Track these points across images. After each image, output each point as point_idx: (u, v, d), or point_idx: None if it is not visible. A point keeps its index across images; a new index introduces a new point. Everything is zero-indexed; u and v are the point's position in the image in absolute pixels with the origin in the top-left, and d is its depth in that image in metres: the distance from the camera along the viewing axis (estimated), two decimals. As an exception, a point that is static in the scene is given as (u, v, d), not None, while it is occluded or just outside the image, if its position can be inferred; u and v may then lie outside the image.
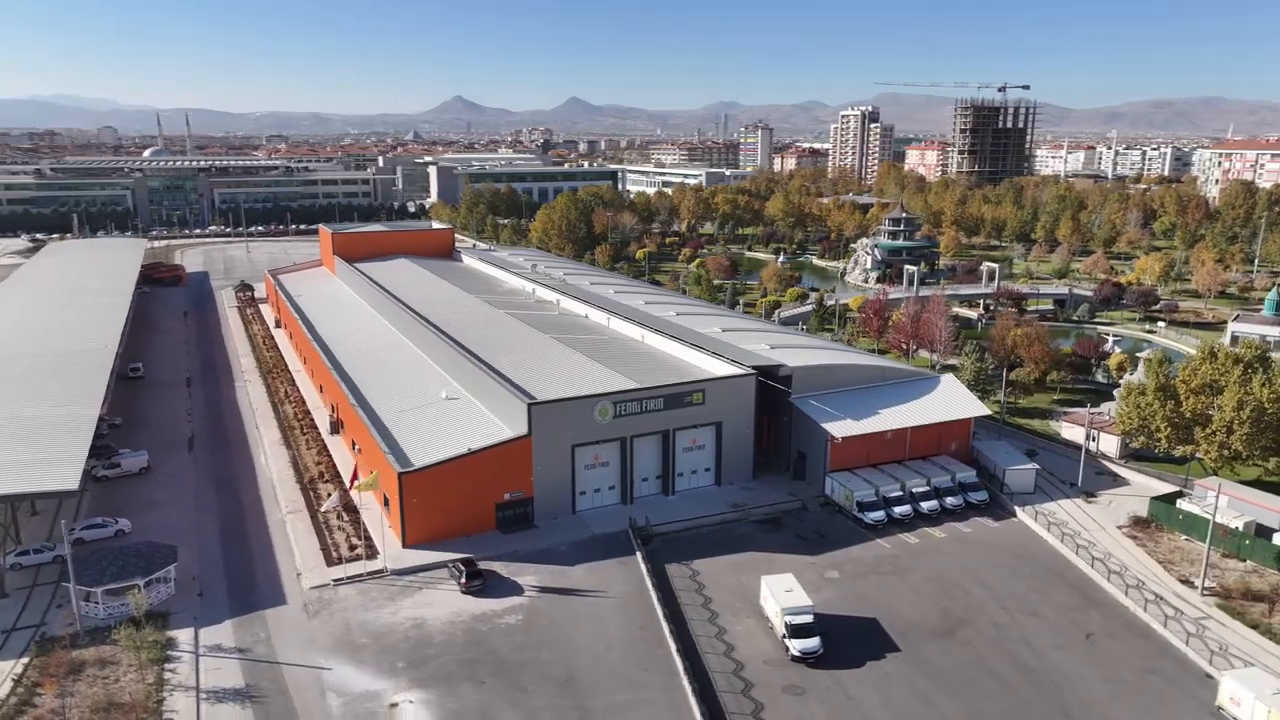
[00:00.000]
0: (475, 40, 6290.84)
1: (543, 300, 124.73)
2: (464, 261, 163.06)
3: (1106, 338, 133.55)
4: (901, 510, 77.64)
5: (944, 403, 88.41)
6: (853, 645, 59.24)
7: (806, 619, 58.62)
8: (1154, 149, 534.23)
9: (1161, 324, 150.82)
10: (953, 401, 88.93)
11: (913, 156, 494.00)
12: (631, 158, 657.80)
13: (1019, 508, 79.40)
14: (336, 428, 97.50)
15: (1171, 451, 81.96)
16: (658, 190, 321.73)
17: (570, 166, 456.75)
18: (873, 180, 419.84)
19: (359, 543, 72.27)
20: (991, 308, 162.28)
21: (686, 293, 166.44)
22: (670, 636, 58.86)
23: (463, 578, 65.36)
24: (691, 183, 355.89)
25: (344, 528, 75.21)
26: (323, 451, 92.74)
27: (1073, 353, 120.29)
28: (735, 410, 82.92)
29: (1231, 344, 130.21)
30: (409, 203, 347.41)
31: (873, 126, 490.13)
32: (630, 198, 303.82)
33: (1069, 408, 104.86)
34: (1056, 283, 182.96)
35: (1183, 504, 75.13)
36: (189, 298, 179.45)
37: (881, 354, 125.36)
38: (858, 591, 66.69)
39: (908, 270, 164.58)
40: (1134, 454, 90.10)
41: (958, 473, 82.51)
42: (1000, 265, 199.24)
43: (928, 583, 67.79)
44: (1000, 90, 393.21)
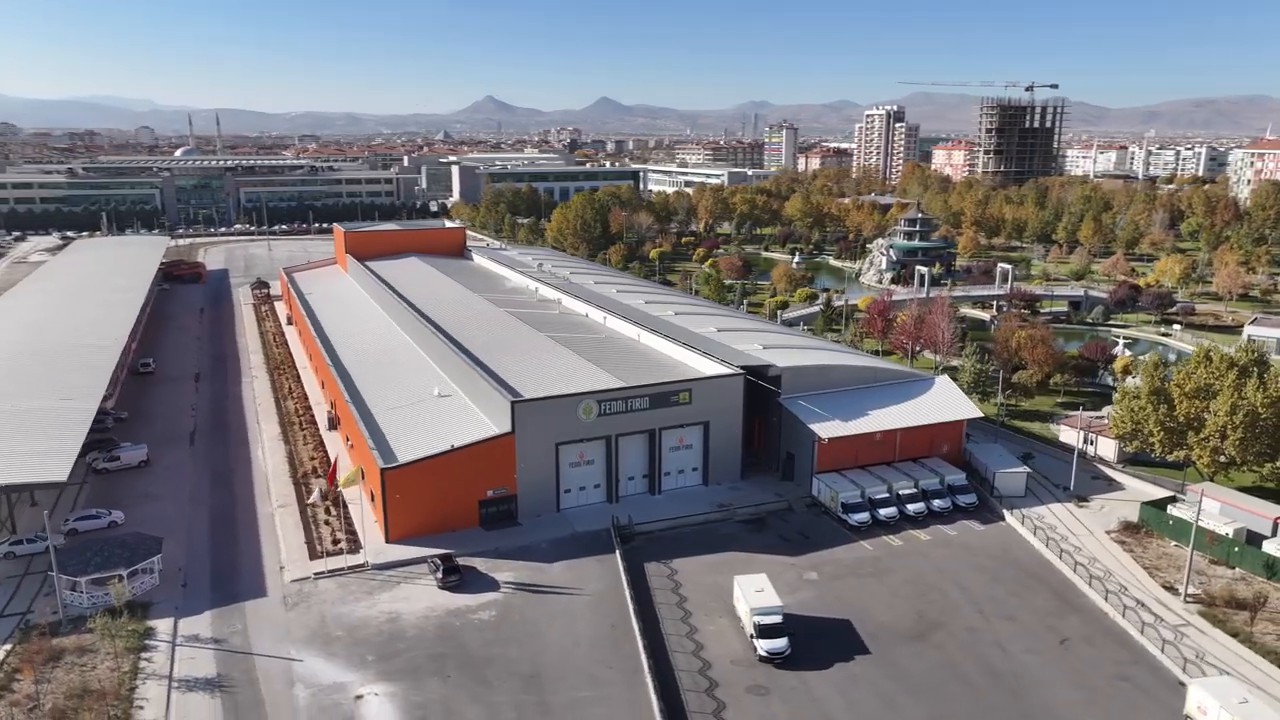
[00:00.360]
0: (507, 41, 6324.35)
1: (545, 299, 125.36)
2: (474, 260, 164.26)
3: (1116, 340, 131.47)
4: (887, 512, 77.12)
5: (937, 405, 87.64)
6: (823, 646, 59.03)
7: (775, 619, 58.51)
8: (1188, 149, 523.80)
9: (1177, 327, 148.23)
10: (946, 404, 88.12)
11: (939, 156, 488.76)
12: (659, 157, 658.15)
13: (1007, 511, 78.56)
14: (334, 424, 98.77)
15: (1165, 456, 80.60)
16: (676, 190, 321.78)
17: (592, 166, 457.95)
18: (897, 180, 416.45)
19: (344, 537, 73.27)
20: (1004, 309, 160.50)
21: (698, 293, 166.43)
22: (639, 634, 58.99)
23: (439, 573, 66.03)
24: (714, 182, 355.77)
25: (331, 522, 76.19)
26: (319, 447, 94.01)
27: (1079, 355, 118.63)
28: (723, 410, 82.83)
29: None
30: (431, 202, 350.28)
31: (898, 126, 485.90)
32: (649, 198, 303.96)
33: (1072, 411, 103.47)
34: (1073, 284, 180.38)
35: (1174, 510, 73.88)
36: (207, 295, 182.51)
37: (886, 355, 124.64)
38: (834, 593, 66.40)
39: (918, 271, 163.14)
40: (1132, 458, 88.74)
41: (947, 475, 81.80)
42: (1017, 266, 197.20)
43: (906, 585, 67.32)
44: (1028, 89, 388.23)
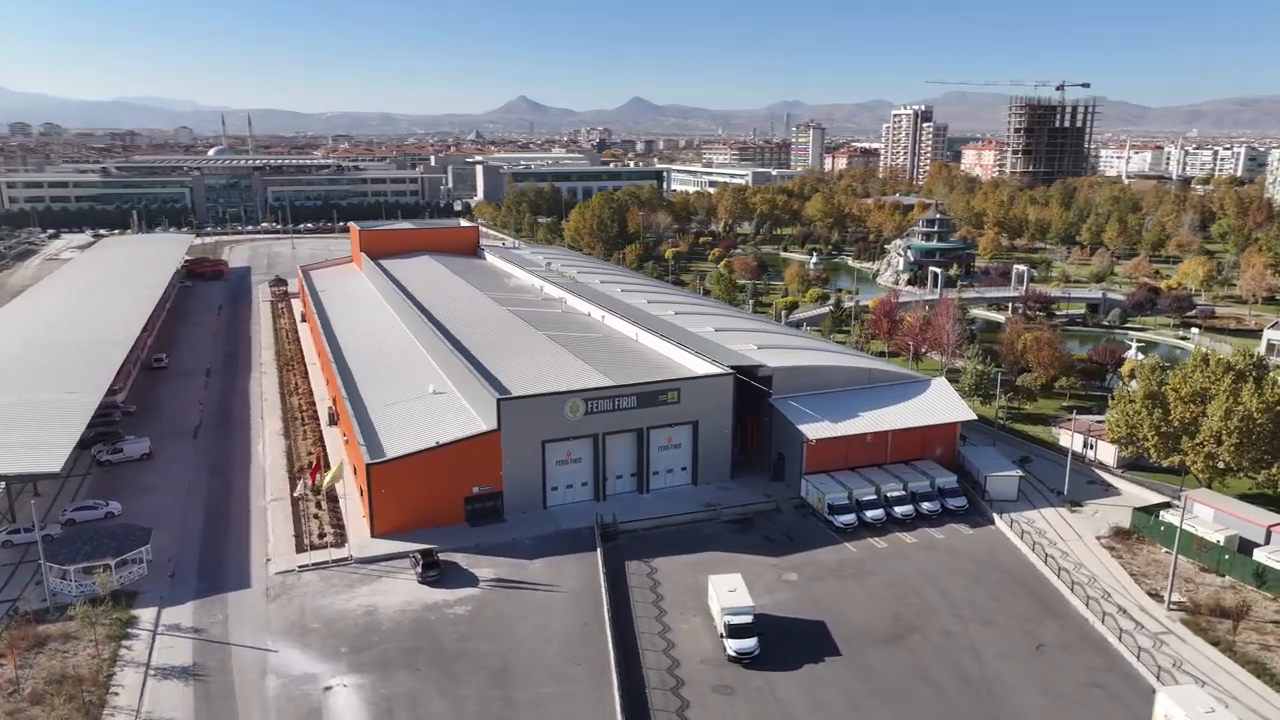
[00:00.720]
0: (540, 42, 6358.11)
1: (550, 298, 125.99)
2: (486, 259, 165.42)
3: (1129, 343, 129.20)
4: (873, 514, 76.60)
5: (931, 407, 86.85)
6: (794, 647, 58.83)
7: (745, 619, 58.43)
8: (1226, 149, 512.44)
9: (1195, 330, 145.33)
10: (940, 406, 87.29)
11: (969, 156, 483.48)
12: (688, 158, 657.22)
13: (997, 515, 77.66)
14: (335, 419, 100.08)
15: (1159, 462, 79.19)
16: (697, 190, 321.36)
17: (616, 166, 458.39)
18: (924, 180, 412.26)
19: (331, 531, 74.32)
20: (1020, 311, 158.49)
21: (709, 292, 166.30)
22: (609, 632, 59.18)
23: (419, 568, 66.74)
24: (738, 183, 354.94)
25: (320, 516, 77.29)
26: (318, 442, 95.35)
27: (1088, 358, 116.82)
28: (712, 410, 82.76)
29: (1268, 352, 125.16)
30: (455, 201, 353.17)
31: (925, 126, 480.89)
32: (670, 198, 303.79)
33: (1076, 415, 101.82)
34: (1092, 286, 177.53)
35: (1166, 516, 72.60)
36: (227, 292, 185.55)
37: (892, 356, 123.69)
38: (812, 594, 66.11)
39: (931, 272, 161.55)
40: (1132, 463, 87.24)
41: (937, 478, 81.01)
42: (1037, 268, 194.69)
43: (886, 588, 66.86)
44: (1058, 89, 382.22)
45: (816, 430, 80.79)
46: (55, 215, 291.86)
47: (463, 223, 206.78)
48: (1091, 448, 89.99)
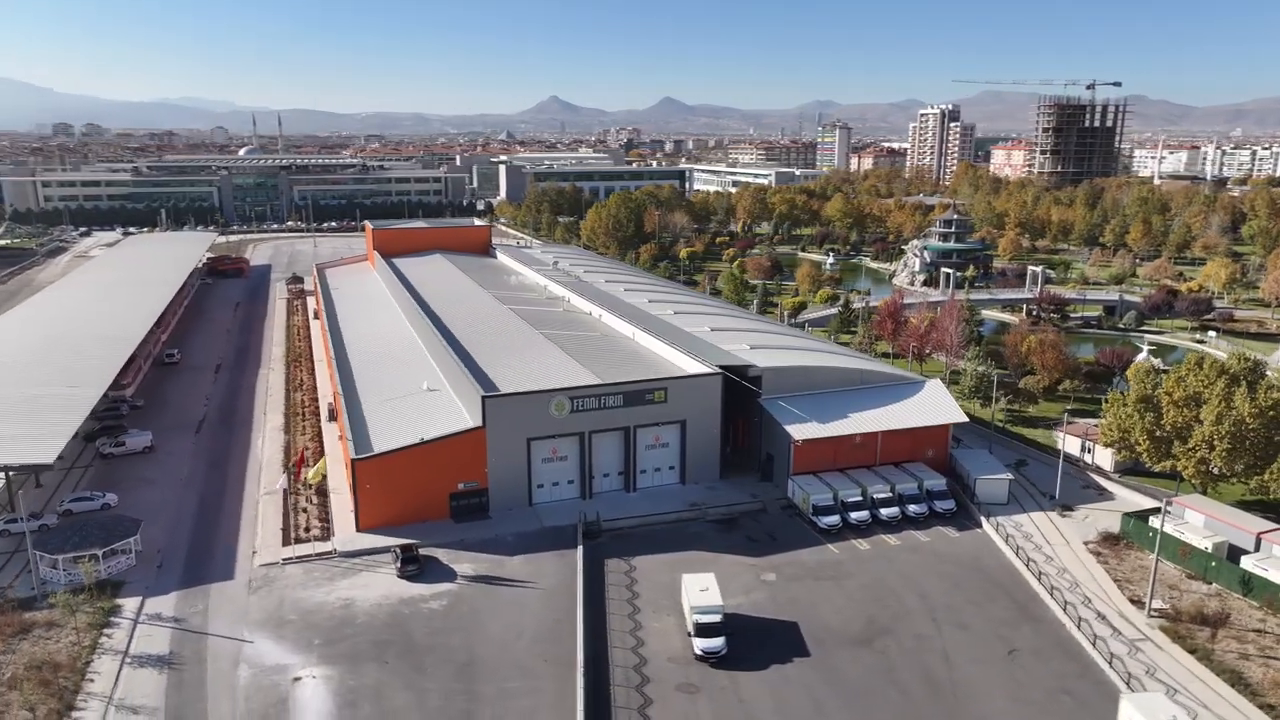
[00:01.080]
0: (572, 42, 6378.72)
1: (553, 296, 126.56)
2: (497, 258, 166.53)
3: (1141, 346, 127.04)
4: (858, 516, 76.14)
5: (923, 409, 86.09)
6: (764, 648, 58.69)
7: (714, 619, 58.38)
8: (1265, 148, 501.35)
9: (1213, 334, 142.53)
10: (933, 407, 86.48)
11: (999, 156, 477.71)
12: (716, 157, 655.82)
13: (985, 518, 76.83)
14: (334, 415, 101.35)
15: (1151, 466, 77.88)
16: (716, 190, 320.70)
17: (639, 165, 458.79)
18: (950, 180, 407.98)
19: (319, 525, 75.44)
20: (1034, 313, 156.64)
21: (719, 293, 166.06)
22: (580, 629, 59.44)
23: (398, 562, 67.50)
24: (760, 182, 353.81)
25: (309, 510, 78.43)
26: (315, 437, 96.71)
27: (1095, 361, 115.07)
28: (700, 410, 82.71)
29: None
30: (479, 201, 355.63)
31: (952, 125, 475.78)
32: (691, 197, 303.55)
33: (1068, 418, 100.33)
34: (1109, 288, 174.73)
35: (1156, 522, 71.26)
36: (246, 289, 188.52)
37: (897, 358, 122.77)
38: (789, 595, 65.87)
39: (943, 273, 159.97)
40: (1130, 468, 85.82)
41: (926, 480, 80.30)
42: (1055, 269, 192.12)
43: (863, 590, 66.45)
44: (1089, 87, 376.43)
45: (804, 431, 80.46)
46: (88, 213, 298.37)
47: (477, 222, 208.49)
48: (1089, 452, 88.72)
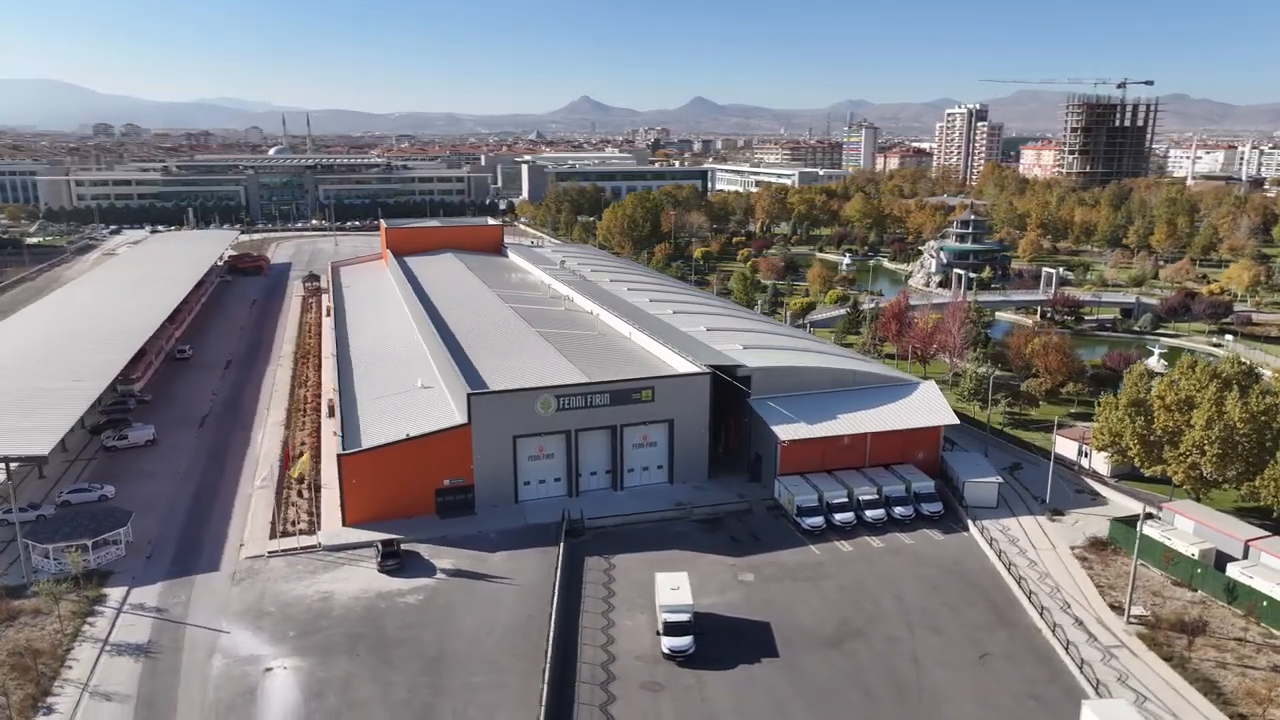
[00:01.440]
0: (604, 41, 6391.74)
1: (556, 295, 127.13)
2: (508, 257, 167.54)
3: (1152, 349, 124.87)
4: (843, 517, 75.73)
5: (914, 410, 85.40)
6: (733, 648, 58.65)
7: (682, 617, 58.44)
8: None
9: (1230, 337, 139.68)
10: (924, 409, 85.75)
11: (1029, 156, 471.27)
12: (745, 157, 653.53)
13: (972, 522, 76.07)
14: (333, 410, 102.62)
15: (1142, 471, 76.61)
16: (735, 190, 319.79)
17: (661, 165, 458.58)
18: (976, 181, 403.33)
19: (308, 518, 76.52)
20: (1049, 315, 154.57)
21: (731, 293, 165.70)
22: (551, 625, 59.78)
23: (379, 556, 68.29)
24: (783, 183, 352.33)
25: (299, 504, 79.58)
26: (314, 432, 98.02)
27: (1102, 364, 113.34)
28: (688, 409, 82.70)
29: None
30: (501, 200, 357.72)
31: (980, 125, 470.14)
32: (710, 197, 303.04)
33: (1082, 422, 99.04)
34: (1128, 291, 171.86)
35: (1144, 528, 70.08)
36: (264, 287, 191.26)
37: (901, 359, 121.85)
38: (765, 595, 65.71)
39: (955, 274, 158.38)
40: (1126, 473, 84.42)
41: (915, 482, 79.72)
42: (1074, 271, 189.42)
43: (841, 591, 66.12)
44: (1119, 86, 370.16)
45: (790, 431, 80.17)
46: (119, 212, 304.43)
47: (490, 221, 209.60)
48: (1086, 456, 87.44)
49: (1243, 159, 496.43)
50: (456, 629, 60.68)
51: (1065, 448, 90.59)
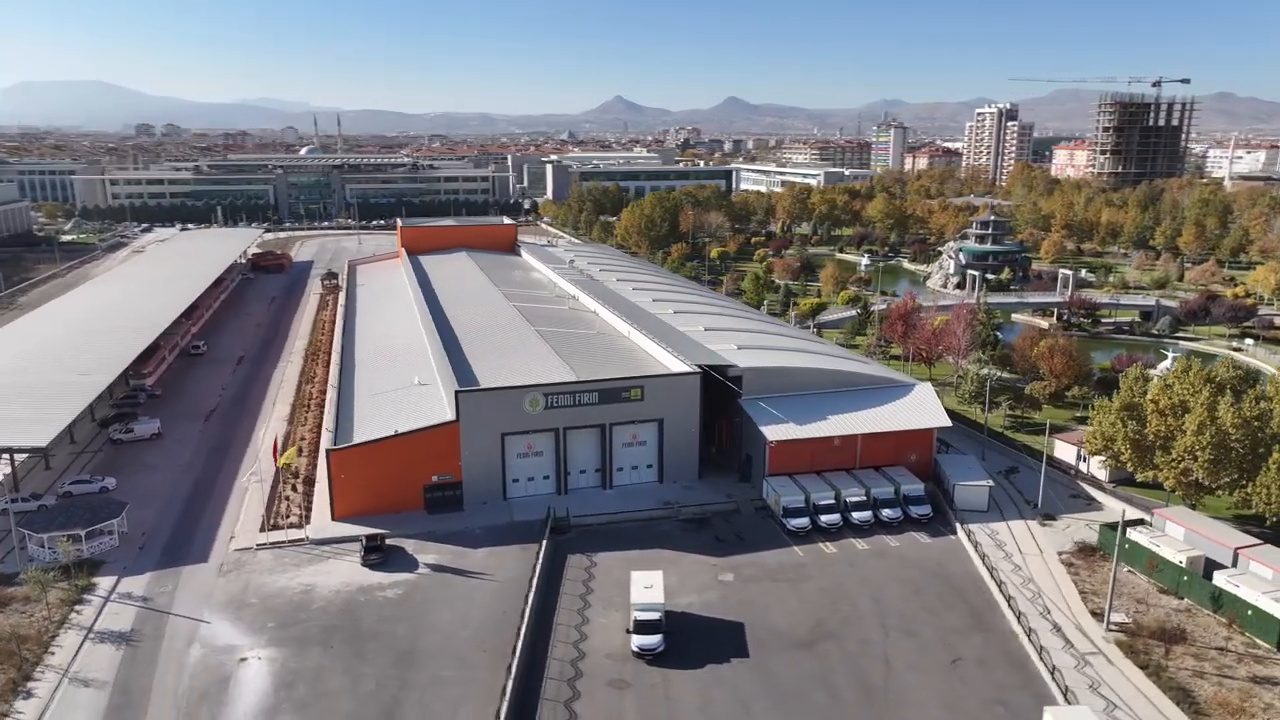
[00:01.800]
0: (638, 40, 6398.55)
1: (562, 294, 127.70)
2: (521, 256, 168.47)
3: (1166, 352, 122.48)
4: (829, 519, 75.31)
5: (907, 412, 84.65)
6: (704, 648, 58.63)
7: (653, 616, 58.52)
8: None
9: (1250, 341, 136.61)
10: (918, 411, 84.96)
11: (1061, 157, 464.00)
12: (773, 156, 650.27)
13: (960, 525, 75.27)
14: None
15: (1134, 476, 75.29)
16: (756, 190, 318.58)
17: (686, 165, 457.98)
18: (1005, 181, 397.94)
19: (299, 512, 77.70)
20: (1064, 317, 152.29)
21: (744, 293, 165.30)
22: (524, 621, 60.15)
23: (362, 551, 69.19)
24: (810, 182, 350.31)
25: (291, 498, 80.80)
26: (315, 427, 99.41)
27: (1110, 367, 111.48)
28: (678, 408, 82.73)
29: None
30: (525, 200, 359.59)
31: (1010, 125, 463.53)
32: (731, 198, 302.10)
33: (1085, 425, 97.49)
34: (1149, 293, 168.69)
35: (1134, 534, 68.99)
36: (284, 284, 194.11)
37: (908, 360, 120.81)
38: (743, 596, 65.59)
39: (969, 275, 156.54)
40: (1124, 478, 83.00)
41: (904, 485, 79.05)
42: (1096, 272, 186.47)
43: (820, 593, 65.80)
44: (1154, 85, 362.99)
45: (779, 432, 79.89)
46: (151, 210, 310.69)
47: (505, 220, 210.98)
48: (1084, 460, 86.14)
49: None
50: (431, 623, 61.31)
51: (1064, 452, 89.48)
